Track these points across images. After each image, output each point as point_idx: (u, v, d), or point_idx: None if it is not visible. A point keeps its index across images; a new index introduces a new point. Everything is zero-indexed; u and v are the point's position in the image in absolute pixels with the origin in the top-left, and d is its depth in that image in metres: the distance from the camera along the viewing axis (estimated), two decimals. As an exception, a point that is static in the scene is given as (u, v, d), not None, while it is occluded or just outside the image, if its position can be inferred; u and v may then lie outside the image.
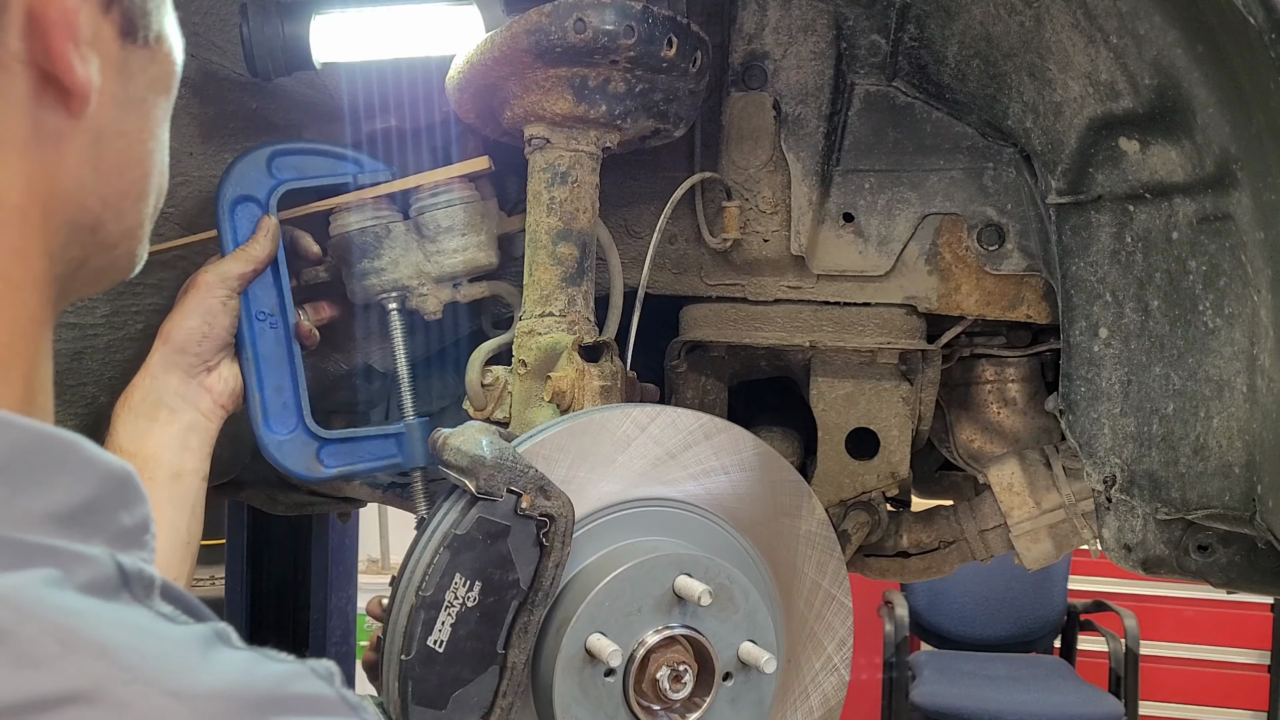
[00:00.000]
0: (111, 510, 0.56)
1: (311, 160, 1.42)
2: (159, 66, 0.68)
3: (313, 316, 1.46)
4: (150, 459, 1.29)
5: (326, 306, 1.48)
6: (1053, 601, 4.68)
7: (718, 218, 1.46)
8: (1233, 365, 1.16)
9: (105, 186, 0.64)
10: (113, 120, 0.64)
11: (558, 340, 1.26)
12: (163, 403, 1.31)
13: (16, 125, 0.57)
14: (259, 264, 1.36)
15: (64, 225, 0.62)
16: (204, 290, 1.33)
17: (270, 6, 1.36)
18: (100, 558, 0.52)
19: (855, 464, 1.49)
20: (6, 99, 0.57)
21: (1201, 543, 1.29)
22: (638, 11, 1.21)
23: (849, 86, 1.43)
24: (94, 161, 0.63)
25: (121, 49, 0.64)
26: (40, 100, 0.58)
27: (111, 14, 0.62)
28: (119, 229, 0.67)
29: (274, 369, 1.39)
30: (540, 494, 1.01)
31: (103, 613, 0.49)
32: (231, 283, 1.34)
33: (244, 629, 2.64)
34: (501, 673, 1.02)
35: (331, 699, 0.53)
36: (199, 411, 1.34)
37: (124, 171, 0.66)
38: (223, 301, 1.33)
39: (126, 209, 0.67)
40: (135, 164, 0.67)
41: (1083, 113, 1.24)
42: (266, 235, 1.36)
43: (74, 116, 0.60)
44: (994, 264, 1.41)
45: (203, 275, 1.34)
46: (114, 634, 0.48)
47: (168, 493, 1.29)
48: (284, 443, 1.40)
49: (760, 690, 1.08)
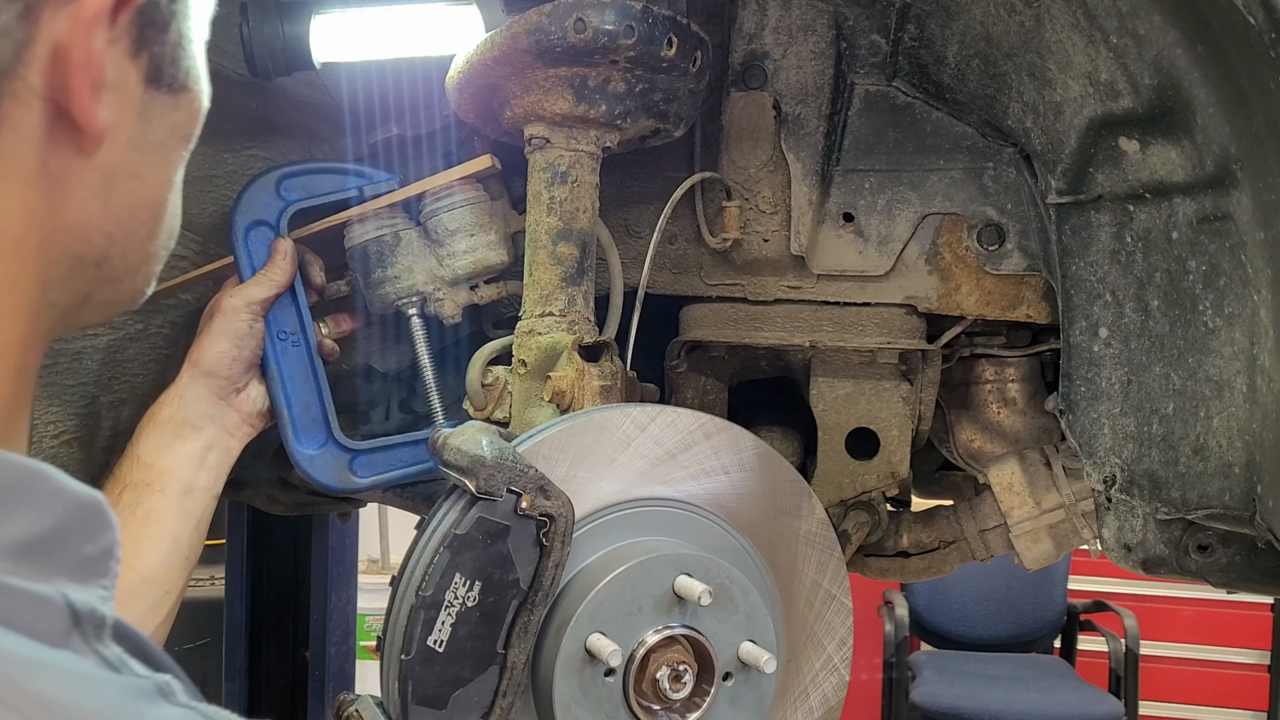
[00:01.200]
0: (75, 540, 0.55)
1: (318, 179, 1.43)
2: (181, 113, 0.68)
3: (333, 330, 1.47)
4: (165, 472, 1.31)
5: (347, 319, 1.50)
6: (1053, 601, 4.68)
7: (718, 218, 1.46)
8: (1233, 365, 1.16)
9: (113, 224, 0.64)
10: (127, 161, 0.64)
11: (558, 340, 1.26)
12: (189, 422, 1.34)
13: (25, 158, 0.57)
14: (281, 287, 1.38)
15: (65, 257, 0.62)
16: (230, 315, 1.35)
17: (270, 6, 1.36)
18: (52, 598, 0.52)
19: (855, 464, 1.49)
20: (18, 132, 0.57)
21: (1201, 543, 1.29)
22: (638, 11, 1.20)
23: (849, 86, 1.43)
24: (104, 199, 0.63)
25: (145, 93, 0.64)
26: (52, 136, 0.58)
27: (140, 59, 0.62)
28: (125, 265, 0.67)
29: (300, 386, 1.41)
30: (540, 494, 1.01)
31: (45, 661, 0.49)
32: (256, 306, 1.36)
33: (244, 629, 2.64)
34: (501, 673, 1.02)
35: None
36: (225, 430, 1.36)
37: (134, 212, 0.66)
38: (249, 325, 1.36)
39: (134, 247, 0.67)
40: (147, 206, 0.67)
41: (1083, 112, 1.24)
42: (285, 258, 1.38)
43: (85, 155, 0.60)
44: (994, 264, 1.41)
45: (227, 300, 1.36)
46: (53, 686, 0.48)
47: (176, 505, 1.31)
48: (316, 457, 1.41)
49: (760, 690, 1.08)
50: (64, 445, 1.44)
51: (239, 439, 1.38)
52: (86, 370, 1.45)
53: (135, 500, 1.29)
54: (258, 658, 2.69)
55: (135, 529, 1.28)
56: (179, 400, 1.34)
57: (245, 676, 2.67)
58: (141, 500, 1.29)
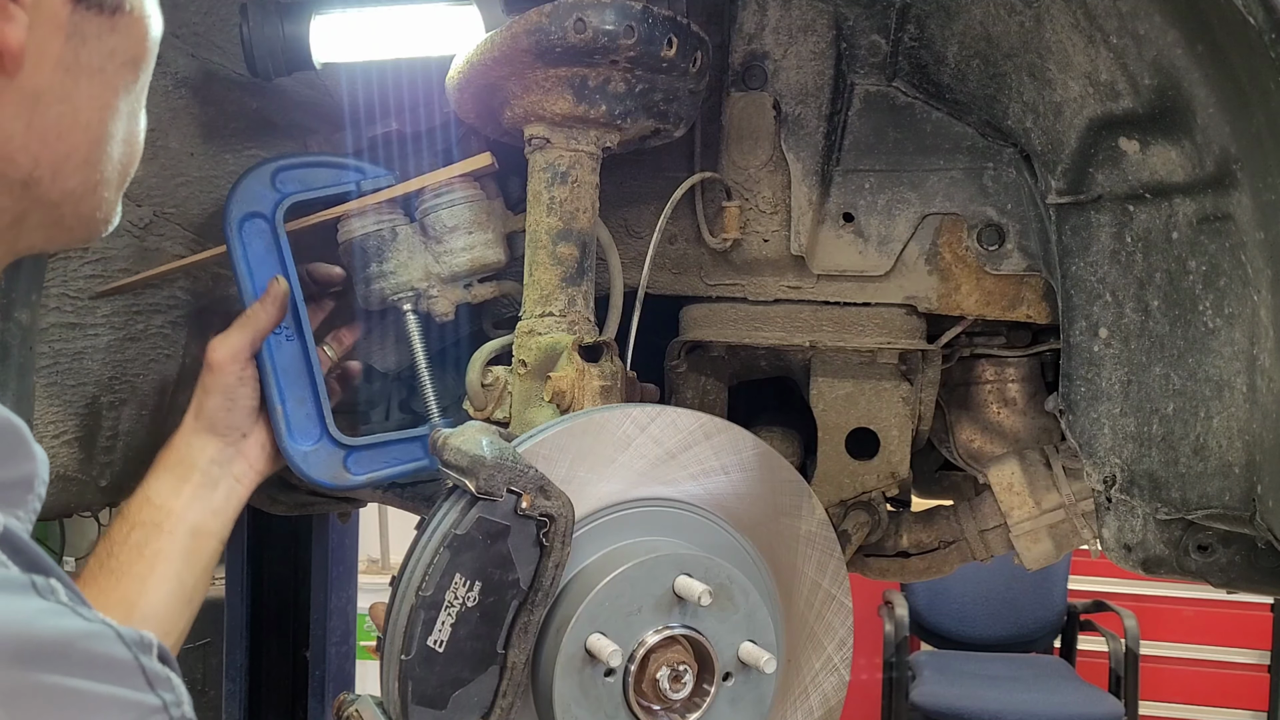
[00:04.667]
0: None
1: (315, 172, 1.43)
2: (120, 36, 0.67)
3: (336, 349, 1.47)
4: (173, 514, 1.32)
5: (346, 334, 1.49)
6: (1053, 601, 4.68)
7: (718, 218, 1.46)
8: (1233, 365, 1.16)
9: (39, 145, 0.64)
10: (57, 84, 0.63)
11: (558, 340, 1.26)
12: (197, 467, 1.34)
13: None
14: (264, 330, 1.36)
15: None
16: (218, 372, 1.35)
17: (270, 6, 1.36)
18: None
19: (855, 464, 1.49)
20: None
21: (1201, 543, 1.29)
22: (638, 11, 1.20)
23: (849, 86, 1.43)
24: (28, 119, 0.62)
25: (74, 14, 0.63)
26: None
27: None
28: (58, 189, 0.66)
29: (294, 381, 1.40)
30: (540, 494, 1.01)
31: None
32: (243, 355, 1.35)
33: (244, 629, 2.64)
34: (501, 673, 1.02)
35: (125, 664, 0.52)
36: (233, 477, 1.37)
37: (65, 135, 0.65)
38: (238, 377, 1.35)
39: (67, 171, 0.66)
40: (81, 129, 0.66)
41: (1083, 113, 1.24)
42: (274, 302, 1.36)
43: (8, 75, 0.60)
44: (994, 264, 1.41)
45: (214, 355, 1.35)
46: None
47: (182, 546, 1.31)
48: (309, 454, 1.40)
49: (760, 690, 1.08)
50: (64, 445, 1.44)
51: (246, 485, 1.38)
52: (87, 370, 1.45)
53: (144, 540, 1.30)
54: (258, 658, 2.69)
55: (142, 570, 1.28)
56: (185, 446, 1.35)
57: (245, 676, 2.66)
58: (150, 540, 1.30)
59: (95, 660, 0.51)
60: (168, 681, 0.53)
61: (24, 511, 0.56)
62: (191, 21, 1.38)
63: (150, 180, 1.44)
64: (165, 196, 1.46)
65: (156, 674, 0.53)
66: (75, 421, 1.45)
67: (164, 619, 1.28)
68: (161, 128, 1.39)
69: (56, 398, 1.42)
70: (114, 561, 1.28)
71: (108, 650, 0.52)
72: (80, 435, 1.46)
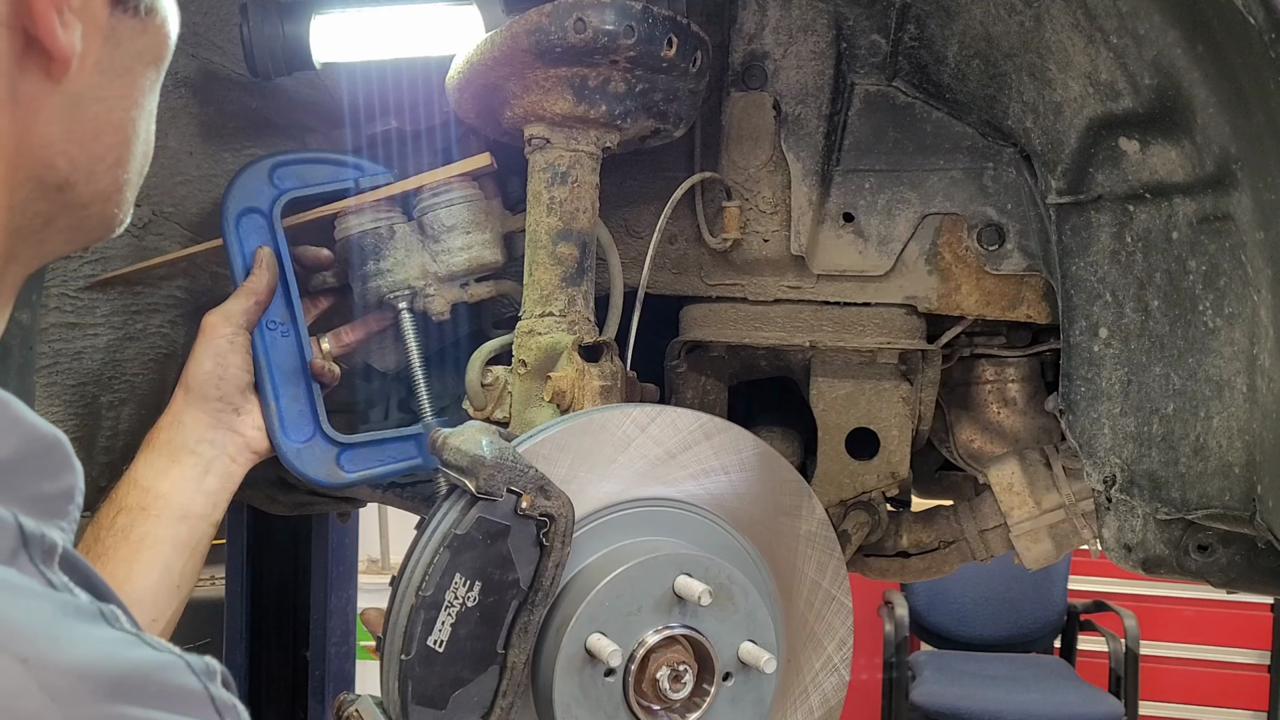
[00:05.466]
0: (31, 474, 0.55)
1: (313, 168, 1.42)
2: (149, 38, 0.68)
3: (335, 347, 1.44)
4: (161, 497, 1.29)
5: (346, 332, 1.47)
6: (1053, 601, 4.68)
7: (718, 218, 1.46)
8: (1233, 365, 1.16)
9: (77, 148, 0.64)
10: (93, 86, 0.64)
11: (558, 340, 1.26)
12: (186, 446, 1.31)
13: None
14: (261, 295, 1.35)
15: (28, 181, 0.62)
16: (209, 332, 1.33)
17: (270, 6, 1.36)
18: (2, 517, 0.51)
19: (855, 464, 1.49)
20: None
21: (1201, 543, 1.29)
22: (638, 11, 1.20)
23: (849, 86, 1.43)
24: (68, 123, 0.63)
25: (111, 17, 0.64)
26: (21, 63, 0.58)
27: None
28: (90, 190, 0.67)
29: (288, 377, 1.39)
30: (540, 494, 1.01)
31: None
32: (236, 319, 1.34)
33: (244, 629, 2.64)
34: (501, 673, 1.02)
35: (196, 695, 0.52)
36: (226, 455, 1.33)
37: (99, 136, 0.66)
38: (229, 340, 1.33)
39: (99, 173, 0.67)
40: (113, 130, 0.67)
41: (1083, 113, 1.24)
42: (264, 267, 1.36)
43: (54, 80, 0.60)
44: (994, 264, 1.41)
45: (208, 318, 1.34)
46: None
47: (170, 532, 1.28)
48: (302, 450, 1.39)
49: (760, 690, 1.08)
50: (64, 445, 1.44)
51: (241, 464, 1.35)
52: (86, 370, 1.45)
53: (129, 524, 1.26)
54: (258, 658, 2.69)
55: (128, 554, 1.25)
56: (176, 424, 1.32)
57: (245, 676, 2.66)
58: (135, 525, 1.26)
59: (171, 693, 0.52)
60: (234, 709, 0.55)
61: (66, 522, 0.57)
62: (191, 21, 1.38)
63: (149, 179, 1.43)
64: (164, 195, 1.46)
65: (224, 702, 0.54)
66: (75, 421, 1.45)
67: (151, 605, 1.25)
68: (161, 127, 1.37)
69: (56, 397, 1.42)
70: (100, 547, 1.25)
71: (180, 681, 0.52)
72: (80, 435, 1.46)
